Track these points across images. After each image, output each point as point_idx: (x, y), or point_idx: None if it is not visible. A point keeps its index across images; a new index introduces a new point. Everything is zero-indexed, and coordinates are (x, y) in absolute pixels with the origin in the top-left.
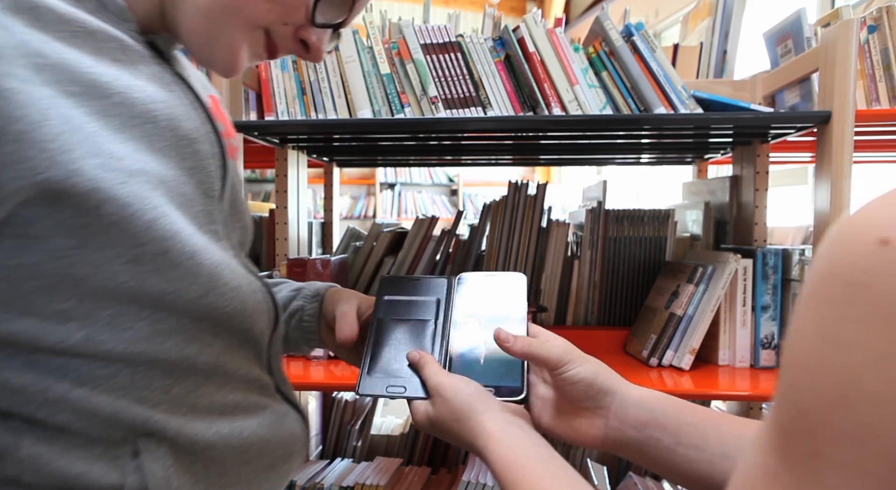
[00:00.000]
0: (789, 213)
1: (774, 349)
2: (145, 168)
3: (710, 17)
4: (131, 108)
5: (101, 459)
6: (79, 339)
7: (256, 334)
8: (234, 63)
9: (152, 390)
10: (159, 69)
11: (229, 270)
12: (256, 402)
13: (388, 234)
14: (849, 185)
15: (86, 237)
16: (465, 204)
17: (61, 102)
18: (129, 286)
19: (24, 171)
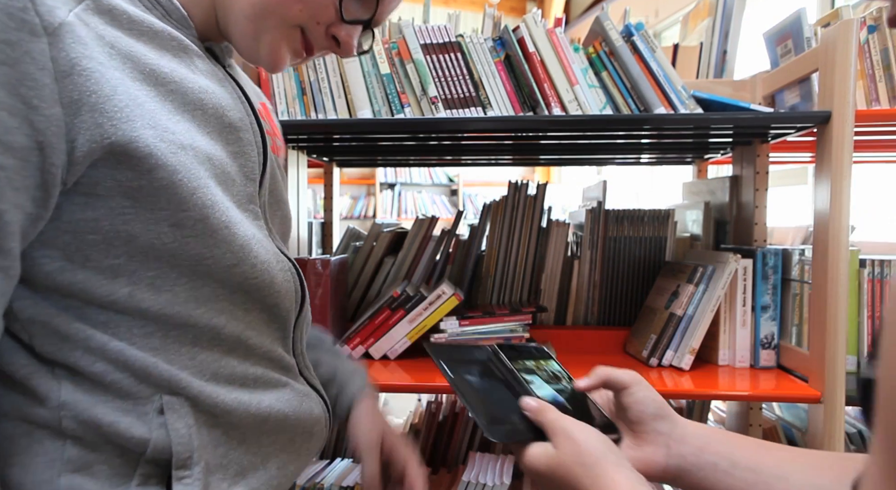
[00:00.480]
0: (789, 213)
1: (774, 349)
2: (194, 144)
3: (710, 17)
4: (184, 95)
5: (130, 413)
6: (123, 295)
7: (283, 312)
8: (277, 59)
9: (180, 354)
10: (213, 68)
11: (261, 246)
12: (277, 379)
13: (388, 234)
14: (849, 185)
15: (139, 198)
16: (465, 204)
17: (128, 84)
18: (172, 247)
19: (96, 136)
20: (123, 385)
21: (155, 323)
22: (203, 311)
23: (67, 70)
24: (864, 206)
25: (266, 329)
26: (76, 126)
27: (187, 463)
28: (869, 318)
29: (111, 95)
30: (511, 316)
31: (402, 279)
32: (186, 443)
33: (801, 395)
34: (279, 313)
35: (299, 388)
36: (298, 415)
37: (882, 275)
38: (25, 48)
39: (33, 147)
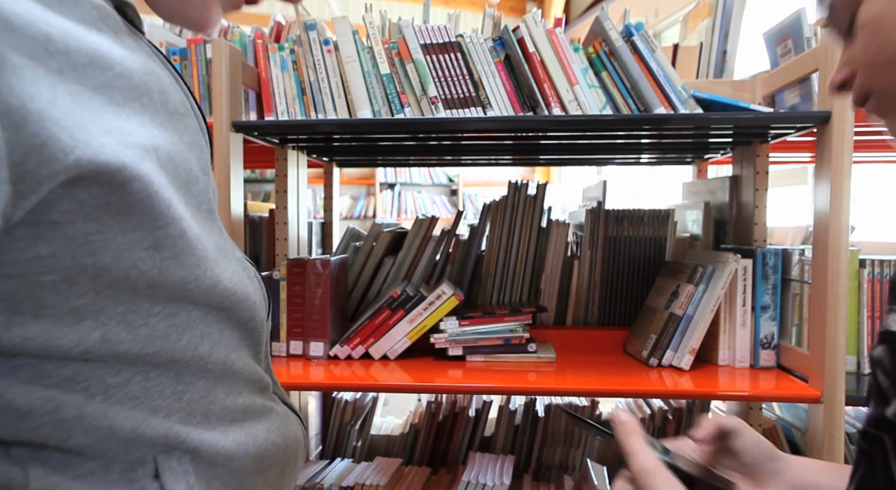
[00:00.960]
0: (789, 213)
1: (774, 349)
2: (156, 143)
3: (710, 17)
4: (130, 79)
5: (118, 484)
6: (95, 340)
7: (258, 325)
8: (206, 15)
9: (164, 398)
10: (137, 40)
11: (228, 255)
12: (262, 406)
13: (387, 234)
14: (849, 185)
15: (107, 219)
16: (465, 204)
17: (70, 77)
18: (150, 276)
19: (55, 153)
20: (109, 453)
21: (132, 366)
22: (185, 341)
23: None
24: (864, 206)
25: (242, 347)
26: (23, 143)
27: None
28: (869, 318)
29: (53, 98)
30: (511, 316)
31: (402, 279)
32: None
33: (800, 394)
34: (254, 327)
35: (279, 410)
36: (286, 442)
37: (882, 275)
38: None
39: None
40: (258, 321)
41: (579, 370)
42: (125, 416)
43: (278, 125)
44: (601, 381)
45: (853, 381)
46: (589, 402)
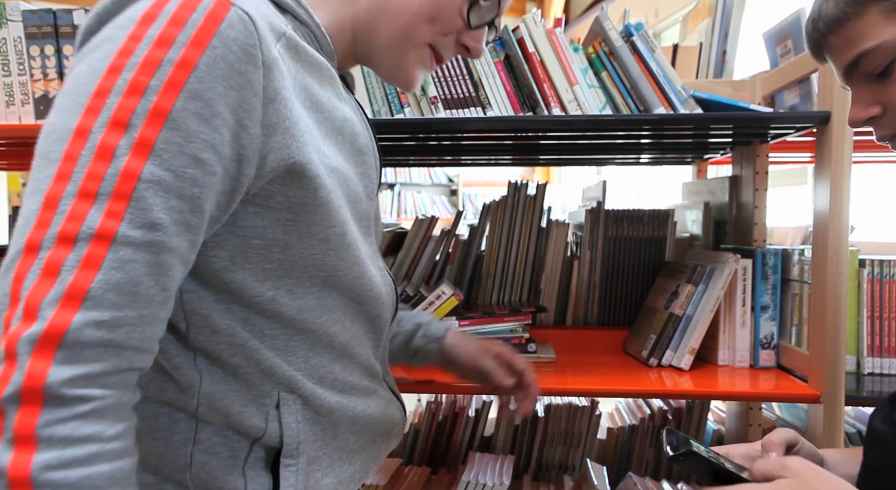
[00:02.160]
0: (789, 213)
1: (774, 349)
2: (339, 167)
3: (710, 18)
4: (333, 121)
5: (253, 404)
6: (267, 298)
7: (382, 323)
8: (413, 78)
9: (297, 357)
10: (349, 97)
11: (372, 262)
12: (367, 387)
13: (387, 234)
14: (848, 186)
15: (300, 212)
16: (465, 204)
17: (303, 113)
18: (316, 258)
19: (283, 156)
20: (251, 379)
21: (284, 326)
22: (325, 319)
23: (272, 98)
24: (864, 206)
25: (364, 339)
26: (269, 145)
27: (294, 453)
28: (868, 318)
29: (297, 122)
30: (511, 316)
31: (401, 279)
32: (295, 436)
33: (800, 394)
34: (378, 324)
35: (383, 394)
36: (383, 418)
37: (881, 275)
38: (249, 77)
39: (234, 159)
40: (383, 320)
41: (579, 370)
42: (269, 357)
43: None
44: (601, 381)
45: (853, 381)
46: (589, 402)
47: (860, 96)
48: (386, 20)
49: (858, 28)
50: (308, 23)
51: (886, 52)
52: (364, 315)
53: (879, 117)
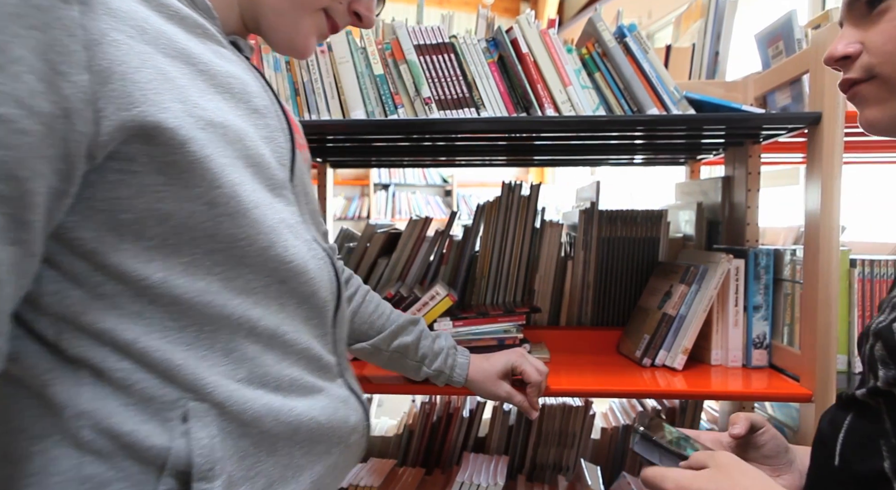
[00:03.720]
0: (781, 213)
1: (766, 349)
2: (226, 123)
3: (703, 19)
4: (212, 77)
5: (152, 420)
6: (157, 280)
7: (320, 302)
8: (307, 45)
9: (214, 351)
10: (237, 57)
11: (292, 230)
12: (312, 384)
13: (381, 235)
14: (839, 186)
15: (173, 174)
16: (460, 204)
17: (158, 59)
18: (206, 227)
19: (125, 105)
20: (148, 387)
21: (189, 315)
22: (238, 302)
23: (98, 39)
24: (855, 206)
25: (304, 325)
26: (105, 95)
27: (208, 475)
28: (860, 318)
29: (139, 67)
30: (505, 317)
31: (395, 280)
32: (208, 453)
33: (792, 394)
34: (316, 305)
35: (337, 392)
36: (333, 424)
37: (872, 274)
38: (56, 14)
39: (58, 114)
40: (320, 299)
41: (573, 370)
42: (170, 357)
43: None
44: (595, 381)
45: (844, 381)
46: (583, 402)
47: (846, 34)
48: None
49: None
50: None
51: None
52: (293, 295)
53: (854, 58)
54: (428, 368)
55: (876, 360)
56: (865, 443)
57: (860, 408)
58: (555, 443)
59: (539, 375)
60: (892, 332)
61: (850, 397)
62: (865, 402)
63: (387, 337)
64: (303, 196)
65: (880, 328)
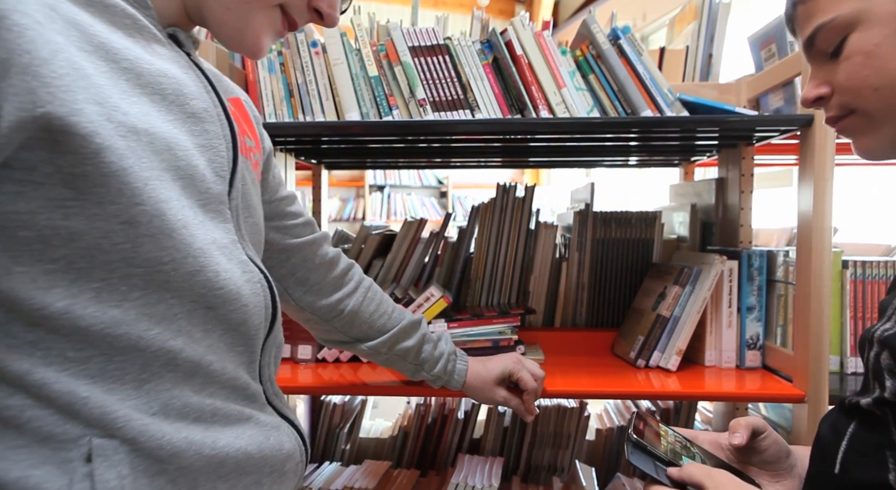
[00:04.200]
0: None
1: (759, 350)
2: (151, 130)
3: (696, 21)
4: (139, 76)
5: (47, 462)
6: (58, 309)
7: (251, 331)
8: (259, 44)
9: (124, 382)
10: (174, 53)
11: (225, 252)
12: (238, 412)
13: (376, 237)
14: (831, 188)
15: (84, 188)
16: (455, 206)
17: (72, 51)
18: (124, 249)
19: (26, 103)
20: (44, 425)
21: (95, 346)
22: (157, 332)
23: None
24: (847, 208)
25: (228, 353)
26: (2, 90)
27: None
28: (852, 319)
29: (49, 59)
30: (499, 318)
31: (390, 282)
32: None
33: (785, 394)
34: (246, 332)
35: (265, 420)
36: (264, 452)
37: (864, 276)
38: None
39: None
40: (251, 326)
41: (568, 372)
42: (72, 388)
43: (266, 127)
44: (589, 382)
45: (836, 381)
46: (577, 403)
47: (814, 75)
48: None
49: (821, 1)
50: None
51: (839, 27)
52: (221, 322)
53: (828, 98)
54: (427, 373)
55: (882, 370)
56: (870, 453)
57: (864, 416)
58: (550, 444)
59: (535, 382)
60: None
61: (853, 405)
62: (870, 411)
63: (387, 340)
64: (243, 210)
65: (886, 337)
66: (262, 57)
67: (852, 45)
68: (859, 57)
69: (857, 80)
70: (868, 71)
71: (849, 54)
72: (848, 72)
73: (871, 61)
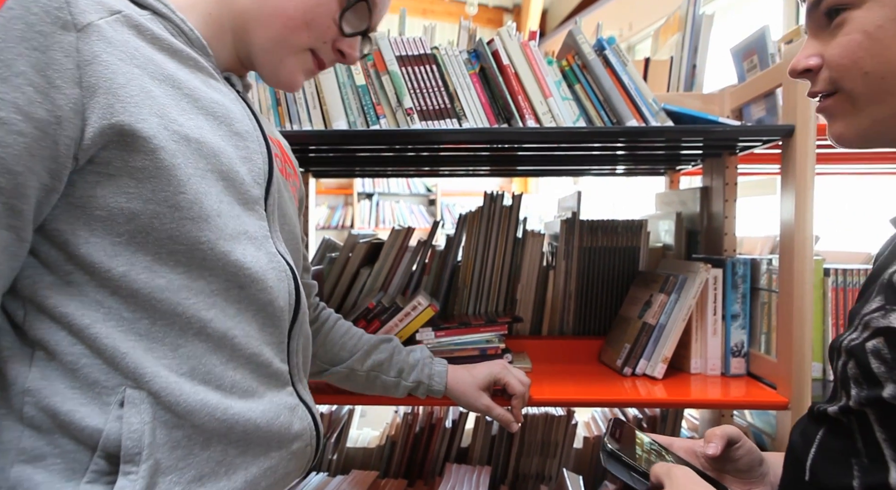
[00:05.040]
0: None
1: (744, 357)
2: (202, 139)
3: (680, 33)
4: (196, 100)
5: (92, 403)
6: (119, 273)
7: (277, 312)
8: (294, 81)
9: (163, 344)
10: (227, 89)
11: (253, 241)
12: (255, 388)
13: (363, 245)
14: (812, 197)
15: (143, 178)
16: (444, 214)
17: (145, 80)
18: (170, 228)
19: (106, 114)
20: (92, 372)
21: (145, 308)
22: (195, 301)
23: (90, 59)
24: (829, 216)
25: (258, 332)
26: (90, 106)
27: (135, 459)
28: (833, 326)
29: (124, 84)
30: (487, 326)
31: (378, 290)
32: (137, 438)
33: (769, 401)
34: (273, 313)
35: (282, 400)
36: (272, 428)
37: (845, 283)
38: (56, 38)
39: (52, 121)
40: (277, 308)
41: (555, 380)
42: (118, 345)
43: None
44: (576, 390)
45: (819, 388)
46: (565, 411)
47: (808, 45)
48: (262, 24)
49: None
50: (168, 16)
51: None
52: (252, 302)
53: (816, 71)
54: (406, 381)
55: (849, 378)
56: (837, 459)
57: (832, 423)
58: (537, 452)
59: (522, 387)
60: (865, 352)
61: (821, 412)
62: (837, 419)
63: (360, 357)
64: (279, 217)
65: (852, 346)
66: (296, 90)
67: (854, 21)
68: (857, 35)
69: (850, 59)
70: (863, 52)
71: (848, 30)
72: (843, 48)
73: (869, 43)
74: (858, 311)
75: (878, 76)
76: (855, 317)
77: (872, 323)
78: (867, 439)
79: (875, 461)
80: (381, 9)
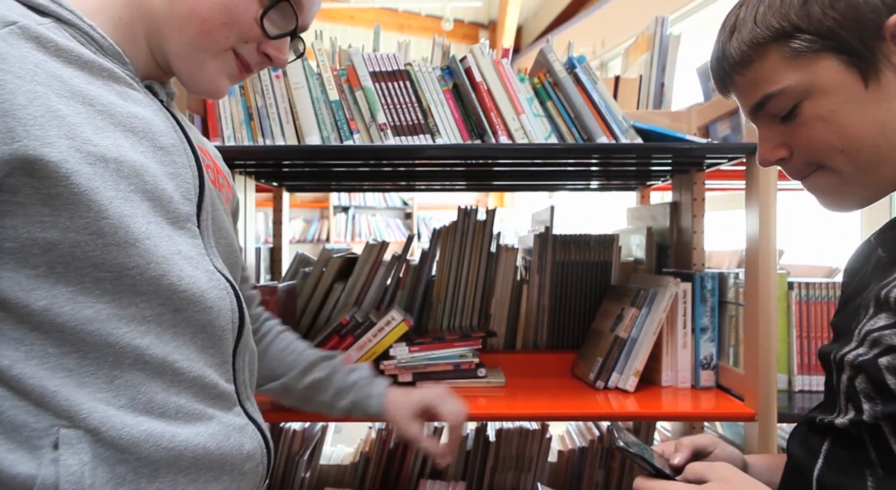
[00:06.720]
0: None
1: (713, 369)
2: (121, 159)
3: (649, 52)
4: (112, 116)
5: (21, 448)
6: (38, 308)
7: (217, 331)
8: (216, 87)
9: (96, 378)
10: (148, 100)
11: (189, 260)
12: (201, 411)
13: (337, 260)
14: (775, 212)
15: (58, 205)
16: (420, 227)
17: (51, 99)
18: (93, 256)
19: (6, 139)
20: (18, 415)
21: (72, 342)
22: (127, 330)
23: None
24: (792, 231)
25: (200, 354)
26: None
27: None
28: (798, 338)
29: (25, 105)
30: (461, 341)
31: (351, 305)
32: (76, 480)
33: (737, 413)
34: (213, 333)
35: (230, 421)
36: (223, 451)
37: (808, 296)
38: None
39: None
40: (217, 328)
41: (529, 394)
42: (47, 381)
43: (225, 151)
44: (550, 404)
45: (785, 399)
46: (539, 425)
47: (767, 136)
48: (176, 28)
49: (762, 71)
50: (74, 22)
51: (790, 96)
52: (189, 324)
53: (788, 159)
54: (343, 401)
55: (858, 393)
56: (848, 471)
57: (838, 434)
58: (512, 467)
59: (456, 416)
60: (878, 369)
61: (827, 424)
62: (846, 431)
63: (298, 374)
64: (214, 231)
65: (861, 362)
66: (221, 97)
67: (807, 111)
68: (818, 122)
69: (821, 143)
70: (829, 135)
71: (806, 120)
72: (809, 136)
73: (831, 126)
74: (848, 324)
75: (854, 150)
76: (847, 330)
77: (884, 340)
78: (882, 451)
79: (890, 472)
80: (308, 8)
